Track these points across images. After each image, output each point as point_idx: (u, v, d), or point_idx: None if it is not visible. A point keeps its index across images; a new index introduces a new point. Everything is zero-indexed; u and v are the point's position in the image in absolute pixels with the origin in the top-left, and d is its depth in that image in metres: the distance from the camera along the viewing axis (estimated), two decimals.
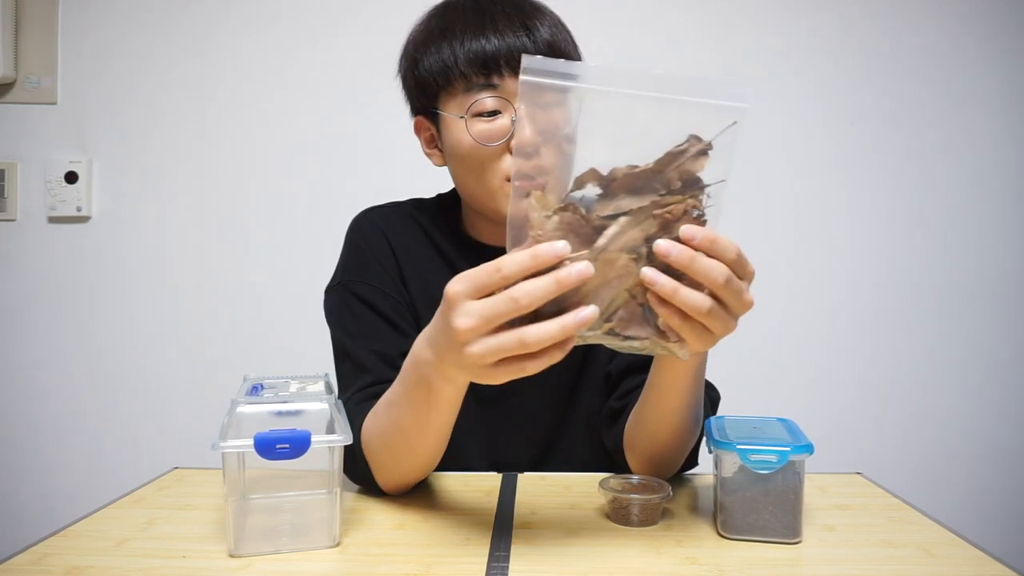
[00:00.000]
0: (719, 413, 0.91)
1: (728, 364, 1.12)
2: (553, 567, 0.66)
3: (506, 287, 0.59)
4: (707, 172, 0.60)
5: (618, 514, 0.76)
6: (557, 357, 0.60)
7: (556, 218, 0.59)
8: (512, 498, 0.84)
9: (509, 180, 0.88)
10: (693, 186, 0.60)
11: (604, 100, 0.59)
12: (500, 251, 0.98)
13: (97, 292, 1.78)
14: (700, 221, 0.61)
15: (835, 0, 1.76)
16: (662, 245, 0.59)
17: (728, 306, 0.62)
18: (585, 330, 0.60)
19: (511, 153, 0.87)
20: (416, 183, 1.13)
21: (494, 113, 0.87)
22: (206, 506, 0.81)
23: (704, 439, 0.81)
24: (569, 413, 1.01)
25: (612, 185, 0.60)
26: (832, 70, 1.77)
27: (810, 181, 1.77)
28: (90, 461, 1.78)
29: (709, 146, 0.59)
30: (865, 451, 1.76)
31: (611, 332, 0.62)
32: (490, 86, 0.87)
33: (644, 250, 0.60)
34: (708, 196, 0.60)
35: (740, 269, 0.62)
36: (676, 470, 0.90)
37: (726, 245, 0.61)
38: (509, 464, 0.96)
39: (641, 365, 0.92)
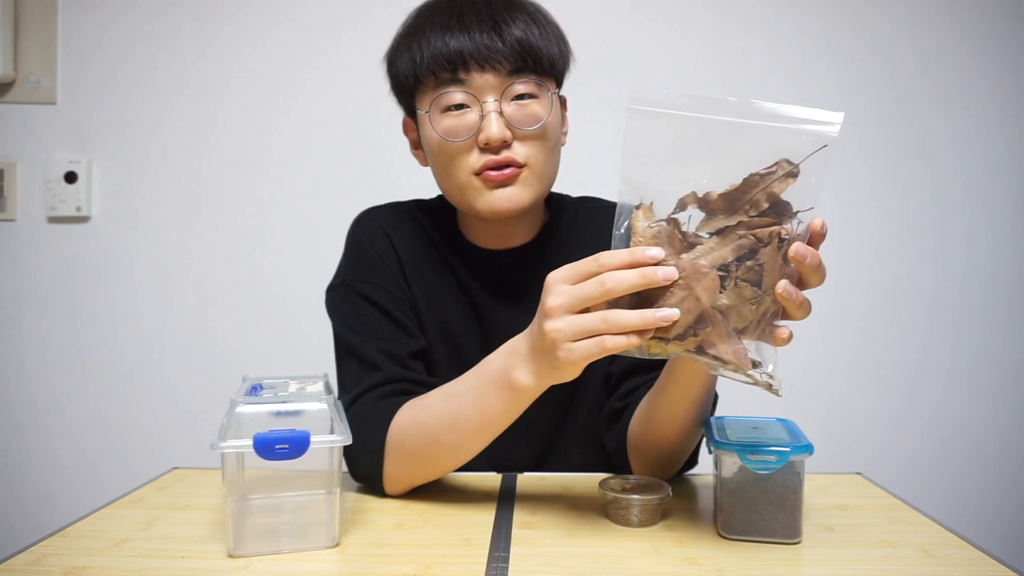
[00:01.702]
0: (719, 413, 0.91)
1: None
2: (553, 567, 0.66)
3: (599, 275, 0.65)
4: (792, 195, 0.63)
5: (618, 514, 0.76)
6: (634, 341, 0.65)
7: (656, 229, 0.65)
8: (512, 498, 0.84)
9: (477, 175, 0.89)
10: (781, 210, 0.63)
11: (704, 126, 0.64)
12: (494, 254, 0.99)
13: (97, 292, 1.78)
14: (784, 248, 0.63)
15: (834, 1, 1.76)
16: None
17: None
18: (672, 338, 0.64)
19: (479, 148, 0.88)
20: (417, 183, 1.13)
21: (462, 107, 0.87)
22: (206, 506, 0.81)
23: (704, 439, 0.81)
24: (569, 414, 1.01)
25: (708, 206, 0.64)
26: (831, 70, 1.77)
27: None
28: (90, 461, 1.78)
29: (797, 169, 0.62)
30: (865, 451, 1.76)
31: (699, 349, 0.65)
32: (456, 81, 0.87)
33: (734, 268, 0.63)
34: (800, 222, 0.63)
35: None
36: (678, 469, 0.90)
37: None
38: (509, 464, 0.96)
39: (644, 366, 0.92)
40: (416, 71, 0.88)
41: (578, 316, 0.66)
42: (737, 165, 0.63)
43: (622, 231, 0.66)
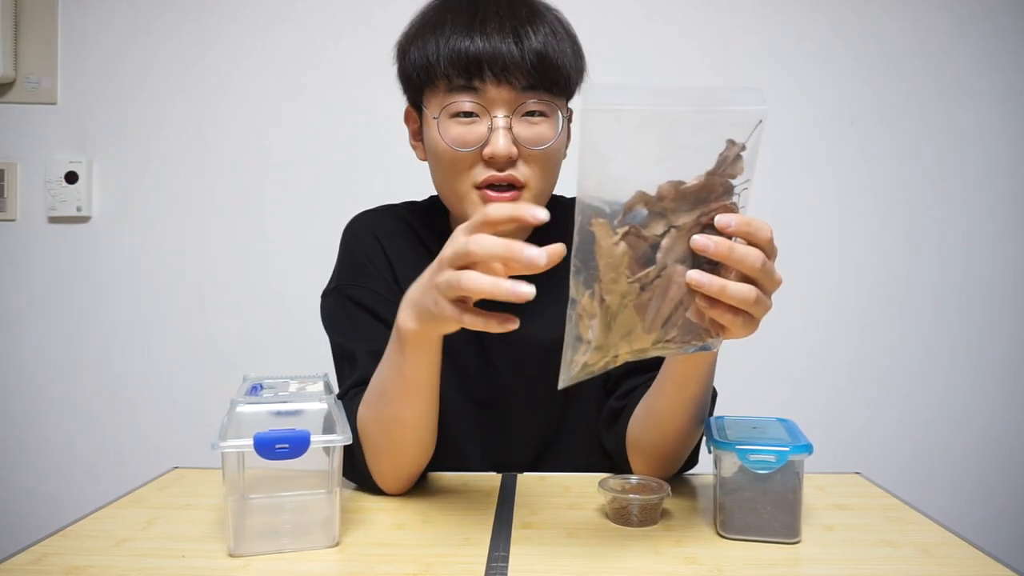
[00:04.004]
0: (718, 413, 0.91)
1: (728, 364, 1.12)
2: (553, 567, 0.66)
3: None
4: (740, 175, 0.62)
5: (618, 514, 0.76)
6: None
7: (623, 244, 0.60)
8: (512, 498, 0.84)
9: (478, 187, 0.87)
10: (728, 192, 0.62)
11: (651, 119, 0.60)
12: None
13: (97, 292, 1.78)
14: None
15: (834, 1, 1.76)
16: (699, 240, 0.61)
17: (763, 287, 0.63)
18: (649, 346, 0.63)
19: (484, 161, 0.86)
20: (417, 183, 1.13)
21: (471, 115, 0.86)
22: (206, 506, 0.81)
23: (704, 439, 0.81)
24: (567, 414, 1.00)
25: (660, 204, 0.61)
26: (832, 70, 1.77)
27: (809, 180, 1.77)
28: (90, 461, 1.78)
29: (743, 148, 0.61)
30: (864, 451, 1.76)
31: (677, 341, 0.64)
32: (470, 89, 0.85)
33: (692, 260, 0.62)
34: (739, 196, 0.62)
35: (771, 249, 0.63)
36: (678, 467, 0.90)
37: (760, 225, 0.62)
38: (509, 464, 0.96)
39: (644, 366, 0.92)
40: (430, 70, 0.86)
41: (456, 272, 0.63)
42: (685, 159, 0.61)
43: (586, 239, 0.61)
